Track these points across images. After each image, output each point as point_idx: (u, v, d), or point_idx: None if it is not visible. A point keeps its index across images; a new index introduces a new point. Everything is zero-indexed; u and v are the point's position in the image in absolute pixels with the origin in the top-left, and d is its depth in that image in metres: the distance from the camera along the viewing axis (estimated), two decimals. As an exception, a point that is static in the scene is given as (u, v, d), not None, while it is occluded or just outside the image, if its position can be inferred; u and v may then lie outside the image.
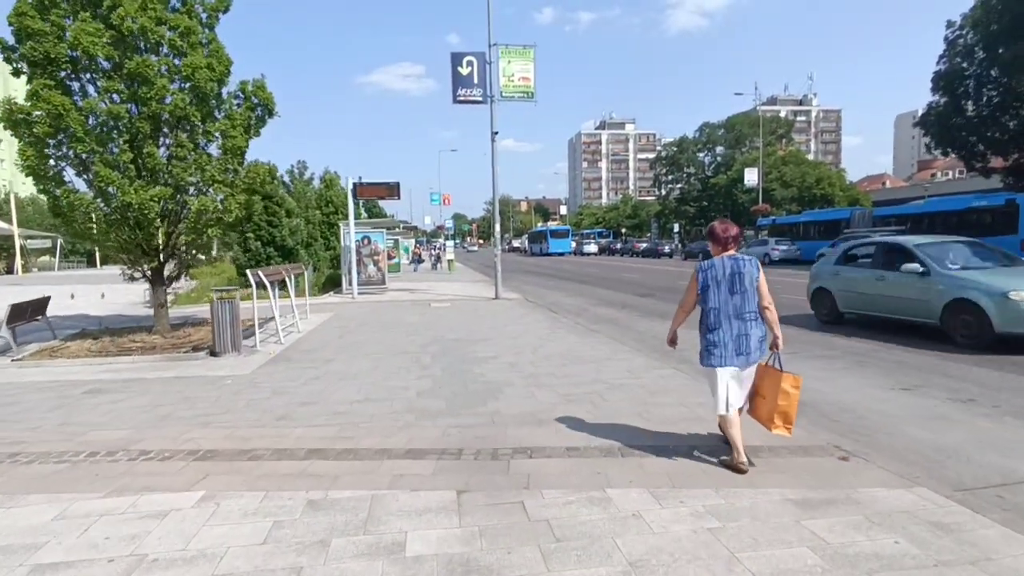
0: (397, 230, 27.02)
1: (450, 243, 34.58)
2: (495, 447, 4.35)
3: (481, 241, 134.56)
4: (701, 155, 65.32)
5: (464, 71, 16.56)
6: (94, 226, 9.40)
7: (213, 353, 8.25)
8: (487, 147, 16.87)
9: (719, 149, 64.75)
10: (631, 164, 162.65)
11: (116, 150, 8.82)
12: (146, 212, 8.81)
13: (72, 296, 21.76)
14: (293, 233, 18.32)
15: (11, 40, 8.56)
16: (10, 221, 42.37)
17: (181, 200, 9.56)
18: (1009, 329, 7.34)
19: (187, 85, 9.15)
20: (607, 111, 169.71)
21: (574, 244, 66.75)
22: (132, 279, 9.90)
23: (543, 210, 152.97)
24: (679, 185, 69.96)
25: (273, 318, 10.31)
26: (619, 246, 65.43)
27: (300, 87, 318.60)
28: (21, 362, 8.10)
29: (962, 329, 7.88)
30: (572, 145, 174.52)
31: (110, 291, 20.48)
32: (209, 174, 9.50)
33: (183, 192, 9.55)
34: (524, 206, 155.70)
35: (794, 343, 8.69)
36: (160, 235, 9.62)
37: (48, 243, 51.12)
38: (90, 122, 8.74)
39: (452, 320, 12.03)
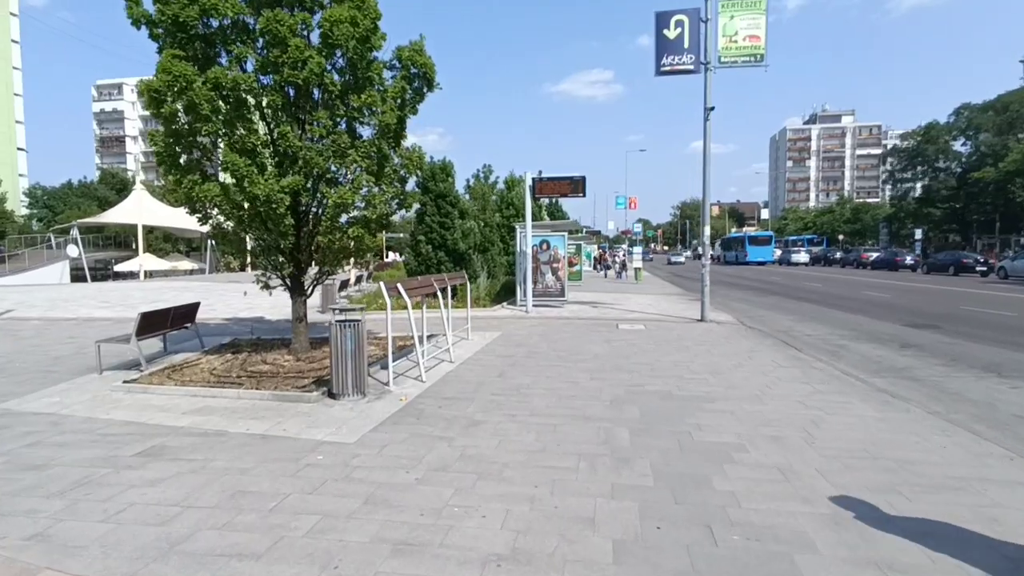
0: (579, 234, 24.36)
1: (637, 249, 30.96)
2: None
3: (667, 248, 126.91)
4: (957, 144, 52.55)
5: (671, 34, 13.20)
6: (229, 224, 8.02)
7: (331, 394, 6.12)
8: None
9: (982, 136, 51.48)
10: (847, 162, 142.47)
11: (244, 131, 7.22)
12: (275, 207, 7.07)
13: (245, 293, 21.91)
14: (466, 236, 16.53)
15: (153, 11, 7.42)
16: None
17: (320, 193, 7.75)
18: None
19: (329, 47, 7.28)
20: (818, 104, 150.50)
21: (778, 252, 58.39)
22: (267, 287, 8.37)
23: (737, 214, 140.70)
24: (921, 182, 57.42)
25: (430, 337, 8.10)
26: (838, 255, 55.57)
27: (491, 100, 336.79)
28: (132, 384, 6.79)
29: None
30: (775, 143, 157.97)
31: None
32: (351, 158, 7.56)
33: (322, 182, 7.73)
34: (715, 210, 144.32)
35: None
36: (294, 235, 7.93)
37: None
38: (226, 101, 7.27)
39: (650, 353, 8.80)
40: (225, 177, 7.64)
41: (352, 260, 8.88)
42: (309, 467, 4.24)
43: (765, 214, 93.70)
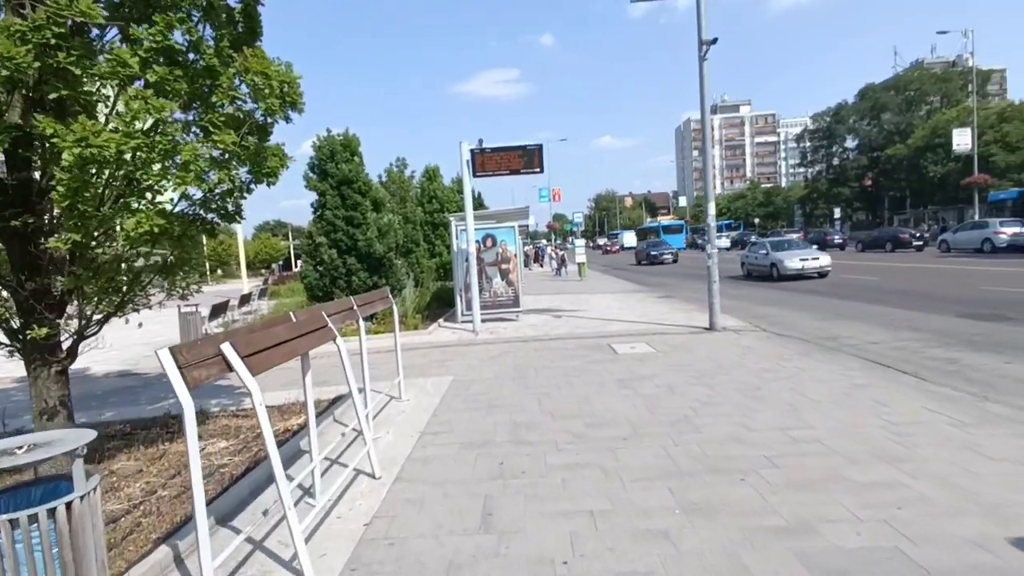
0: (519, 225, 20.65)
1: (580, 242, 27.73)
2: None
3: (587, 242, 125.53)
4: (864, 124, 53.69)
5: (651, -57, 9.70)
6: None
7: None
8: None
9: (885, 116, 52.86)
10: (748, 149, 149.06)
11: None
12: None
13: (140, 325, 17.40)
14: (384, 234, 12.28)
15: None
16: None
17: (40, 132, 3.40)
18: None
19: None
20: (719, 94, 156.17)
21: (687, 239, 59.77)
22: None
23: (650, 204, 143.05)
24: (833, 161, 58.69)
25: (329, 404, 3.97)
26: (752, 238, 55.85)
27: (396, 102, 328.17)
28: None
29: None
30: (680, 133, 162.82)
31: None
32: (117, 58, 3.34)
33: (40, 108, 3.42)
34: (629, 201, 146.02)
35: None
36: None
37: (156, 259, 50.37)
38: None
39: (717, 406, 5.15)
40: None
41: (143, 292, 4.57)
42: None
43: (682, 202, 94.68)
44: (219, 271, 68.44)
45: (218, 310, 13.14)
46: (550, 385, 6.51)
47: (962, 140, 34.28)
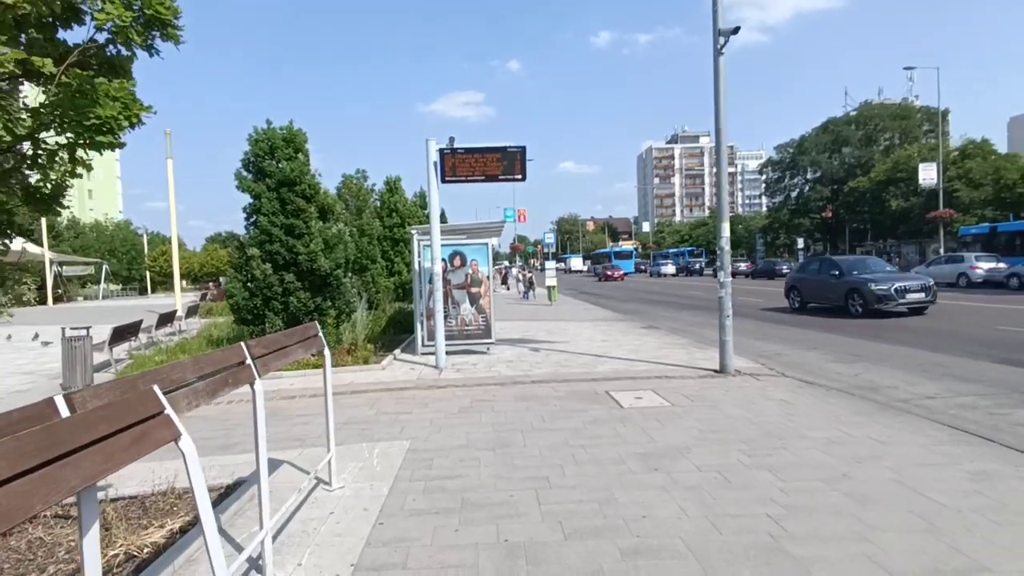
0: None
1: (551, 264, 26.14)
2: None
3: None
4: (825, 156, 54.44)
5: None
6: None
7: None
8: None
9: (846, 149, 53.81)
10: (707, 179, 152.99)
11: None
12: None
13: (36, 336, 15.08)
14: (331, 247, 10.25)
15: None
16: (41, 244, 37.03)
17: None
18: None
19: None
20: (678, 125, 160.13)
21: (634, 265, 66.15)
22: None
23: (612, 230, 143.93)
24: (793, 193, 59.39)
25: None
26: (697, 266, 57.09)
27: (361, 120, 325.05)
28: None
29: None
30: (642, 161, 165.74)
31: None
32: None
33: None
34: (591, 226, 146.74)
35: None
36: None
37: (89, 269, 46.49)
38: None
39: (811, 507, 3.40)
40: None
41: None
42: None
43: (646, 227, 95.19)
44: (184, 283, 63.85)
45: (123, 333, 10.77)
46: (547, 463, 4.64)
47: (928, 175, 34.50)
